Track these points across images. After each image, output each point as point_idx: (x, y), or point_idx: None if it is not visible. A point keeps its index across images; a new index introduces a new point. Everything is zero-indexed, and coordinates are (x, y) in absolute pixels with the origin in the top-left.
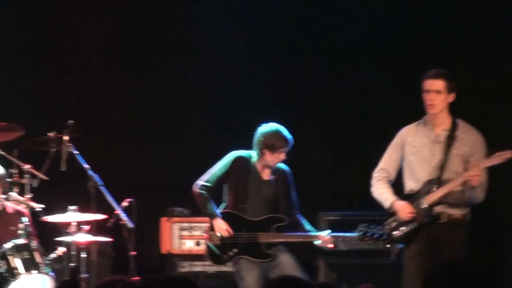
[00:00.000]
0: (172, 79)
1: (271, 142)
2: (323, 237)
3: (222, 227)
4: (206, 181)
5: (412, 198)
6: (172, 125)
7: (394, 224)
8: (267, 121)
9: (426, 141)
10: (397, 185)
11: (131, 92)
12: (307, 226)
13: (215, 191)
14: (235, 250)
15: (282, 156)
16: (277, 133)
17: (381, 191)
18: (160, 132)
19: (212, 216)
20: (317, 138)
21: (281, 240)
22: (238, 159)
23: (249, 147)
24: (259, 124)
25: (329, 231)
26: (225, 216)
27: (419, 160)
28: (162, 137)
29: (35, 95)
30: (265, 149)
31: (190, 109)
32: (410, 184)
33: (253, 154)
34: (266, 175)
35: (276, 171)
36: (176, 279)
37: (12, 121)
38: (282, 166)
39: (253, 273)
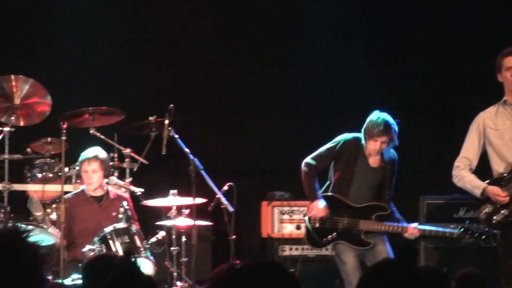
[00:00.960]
0: (276, 62)
1: (370, 129)
2: (411, 229)
3: (320, 209)
4: (312, 159)
5: (502, 181)
6: (273, 108)
7: (490, 209)
8: (375, 108)
9: (509, 122)
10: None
11: (232, 76)
12: (397, 214)
13: (320, 170)
14: (334, 235)
15: (379, 144)
16: (376, 122)
17: (469, 179)
18: (260, 115)
19: (312, 196)
20: (421, 122)
21: (381, 229)
22: (348, 142)
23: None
24: (364, 110)
25: (417, 224)
26: (328, 199)
27: (505, 142)
28: (262, 121)
29: (136, 80)
30: (365, 135)
31: (293, 92)
32: (499, 168)
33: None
34: (374, 162)
35: (386, 159)
36: (267, 264)
37: (113, 105)
38: (393, 153)
39: (352, 256)
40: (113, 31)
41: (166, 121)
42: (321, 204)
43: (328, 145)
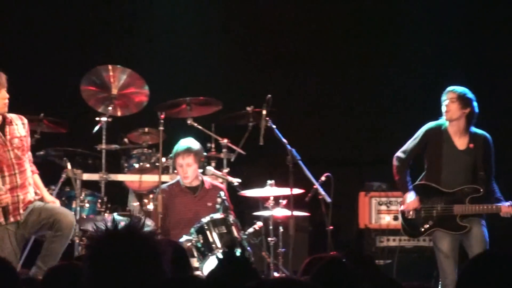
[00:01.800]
0: (373, 56)
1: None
2: (505, 208)
3: (411, 202)
4: (402, 152)
5: None
6: (370, 99)
7: None
8: None
9: None
10: None
11: (329, 67)
12: (498, 194)
13: (410, 162)
14: (430, 223)
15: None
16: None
17: None
18: (357, 106)
19: (403, 189)
20: None
21: (475, 210)
22: (431, 130)
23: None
24: None
25: (510, 202)
26: (420, 188)
27: None
28: (360, 111)
29: (233, 70)
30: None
31: (388, 82)
32: None
33: (445, 123)
34: (461, 144)
35: (474, 139)
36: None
37: (210, 95)
38: (482, 133)
39: (448, 242)
40: (210, 21)
41: (264, 111)
42: (411, 196)
43: (414, 136)
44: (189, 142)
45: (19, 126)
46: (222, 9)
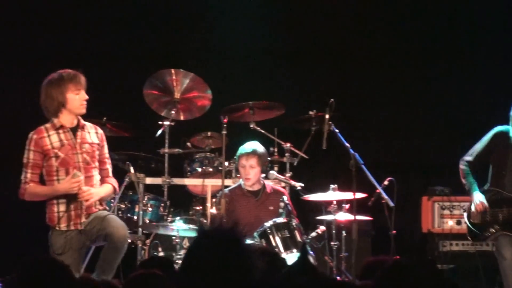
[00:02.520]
0: (438, 58)
1: None
2: None
3: (478, 204)
4: (469, 156)
5: None
6: (434, 103)
7: None
8: None
9: None
10: None
11: (392, 71)
12: None
13: (477, 166)
14: (496, 227)
15: None
16: None
17: None
18: (421, 110)
19: (469, 192)
20: None
21: None
22: (498, 134)
23: None
24: None
25: None
26: (486, 193)
27: None
28: (423, 116)
29: (296, 74)
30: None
31: (454, 88)
32: None
33: None
34: None
35: None
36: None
37: (273, 99)
38: None
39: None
40: (274, 24)
41: (327, 116)
42: (479, 197)
43: (482, 140)
44: (254, 145)
45: (92, 134)
46: (286, 11)
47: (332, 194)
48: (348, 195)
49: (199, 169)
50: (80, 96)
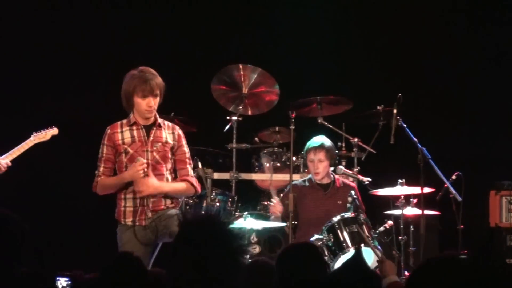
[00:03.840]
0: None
1: None
2: None
3: None
4: None
5: None
6: (501, 96)
7: None
8: None
9: None
10: None
11: (461, 63)
12: None
13: None
14: None
15: None
16: None
17: None
18: (488, 104)
19: None
20: None
21: None
22: None
23: None
24: None
25: None
26: None
27: None
28: (490, 109)
29: (364, 68)
30: None
31: None
32: None
33: None
34: None
35: None
36: None
37: (340, 94)
38: None
39: None
40: (341, 19)
41: (395, 110)
42: None
43: None
44: (322, 139)
45: (168, 134)
46: (354, 4)
47: (400, 189)
48: (416, 190)
49: (267, 164)
50: (146, 102)
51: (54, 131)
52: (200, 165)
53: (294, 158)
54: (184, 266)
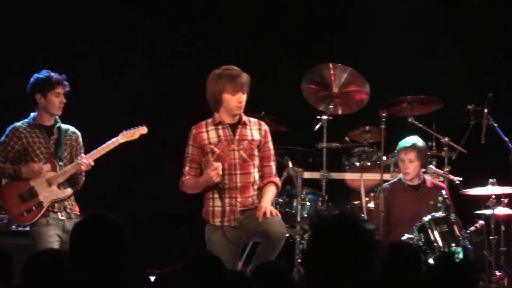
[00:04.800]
0: None
1: None
2: None
3: None
4: None
5: None
6: None
7: None
8: None
9: None
10: None
11: None
12: None
13: None
14: None
15: None
16: None
17: None
18: None
19: None
20: None
21: None
22: None
23: None
24: None
25: None
26: None
27: None
28: None
29: (454, 68)
30: None
31: None
32: None
33: None
34: None
35: None
36: None
37: (431, 94)
38: None
39: None
40: (430, 18)
41: (485, 110)
42: None
43: None
44: (414, 139)
45: (254, 131)
46: (445, 3)
47: (491, 189)
48: (507, 190)
49: (357, 164)
50: (237, 98)
51: (143, 129)
52: (290, 164)
53: (384, 158)
54: (322, 265)
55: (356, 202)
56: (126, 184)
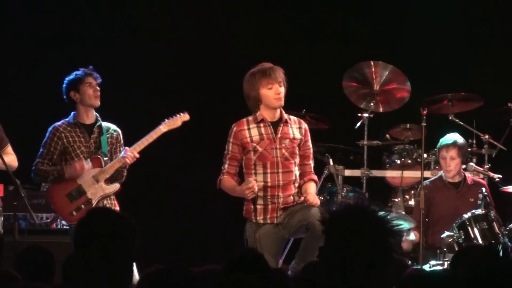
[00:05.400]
0: None
1: None
2: None
3: None
4: None
5: None
6: None
7: None
8: None
9: None
10: None
11: None
12: None
13: None
14: None
15: None
16: None
17: None
18: None
19: None
20: None
21: None
22: None
23: None
24: None
25: None
26: None
27: None
28: None
29: (495, 65)
30: None
31: None
32: None
33: None
34: None
35: None
36: None
37: (471, 91)
38: None
39: None
40: (472, 14)
41: None
42: None
43: None
44: (455, 136)
45: (295, 129)
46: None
47: None
48: None
49: (398, 161)
50: (274, 90)
51: (185, 116)
52: (331, 162)
53: (425, 155)
54: (341, 257)
55: (397, 200)
56: (164, 180)
